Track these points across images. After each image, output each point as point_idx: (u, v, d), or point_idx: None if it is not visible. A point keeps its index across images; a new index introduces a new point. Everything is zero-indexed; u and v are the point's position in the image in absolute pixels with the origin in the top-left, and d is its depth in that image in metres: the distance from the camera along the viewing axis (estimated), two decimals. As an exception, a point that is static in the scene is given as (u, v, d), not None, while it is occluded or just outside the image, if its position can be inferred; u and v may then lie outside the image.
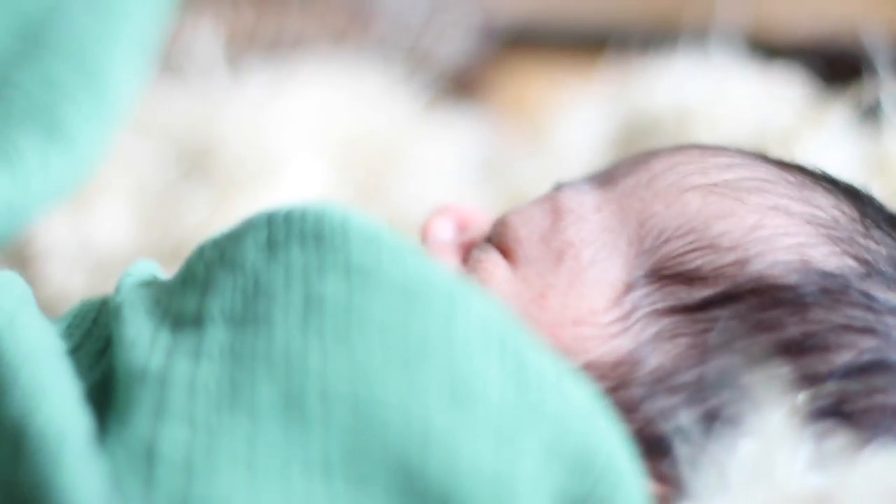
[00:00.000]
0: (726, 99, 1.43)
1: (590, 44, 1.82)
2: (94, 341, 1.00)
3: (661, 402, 0.97)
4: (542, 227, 1.06)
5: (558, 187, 1.12)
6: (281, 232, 0.92)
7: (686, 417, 0.94)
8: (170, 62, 1.56)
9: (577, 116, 1.52)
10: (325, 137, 1.57)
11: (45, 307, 1.29)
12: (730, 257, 1.01)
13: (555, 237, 1.05)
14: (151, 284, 1.00)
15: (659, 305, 1.01)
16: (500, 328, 0.88)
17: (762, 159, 1.12)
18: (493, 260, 1.05)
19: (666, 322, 1.00)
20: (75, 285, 1.43)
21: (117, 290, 1.01)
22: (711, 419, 0.95)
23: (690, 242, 1.02)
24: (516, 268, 1.04)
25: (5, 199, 1.22)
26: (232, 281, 0.91)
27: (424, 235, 1.14)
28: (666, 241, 1.03)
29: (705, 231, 1.03)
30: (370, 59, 1.72)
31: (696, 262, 1.01)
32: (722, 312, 0.99)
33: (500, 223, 1.08)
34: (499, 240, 1.07)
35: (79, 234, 1.43)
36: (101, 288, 1.42)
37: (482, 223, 1.15)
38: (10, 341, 0.91)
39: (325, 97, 1.60)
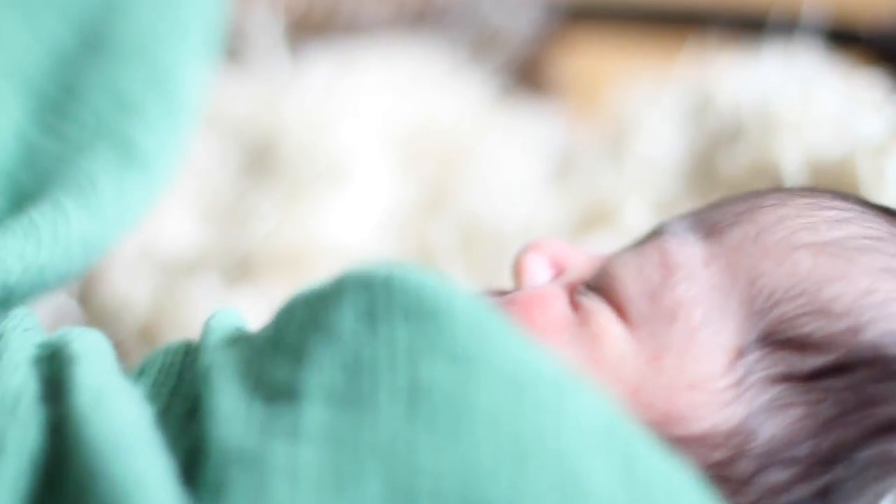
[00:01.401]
0: (812, 104, 1.37)
1: (660, 21, 1.76)
2: (182, 401, 0.97)
3: (775, 477, 0.95)
4: (652, 282, 1.02)
5: (661, 233, 1.09)
6: (381, 302, 0.89)
7: (800, 493, 0.94)
8: (228, 49, 1.51)
9: (652, 113, 1.47)
10: (391, 129, 1.54)
11: (109, 315, 1.28)
12: (842, 324, 0.98)
13: (666, 295, 1.01)
14: (239, 343, 0.97)
15: (771, 372, 0.98)
16: (609, 423, 0.86)
17: (870, 210, 1.09)
18: (605, 315, 1.02)
19: (778, 390, 0.98)
20: (140, 292, 1.40)
21: (203, 347, 0.98)
22: (825, 495, 0.94)
23: (802, 305, 1.00)
24: (629, 326, 1.01)
25: (81, 236, 1.19)
26: (329, 353, 0.88)
27: (520, 275, 1.11)
28: (777, 304, 1.00)
29: (817, 294, 1.00)
30: (434, 40, 1.67)
31: (808, 327, 0.99)
32: (835, 383, 0.97)
33: (606, 274, 1.05)
34: (608, 293, 1.04)
35: (142, 239, 1.40)
36: (165, 295, 1.39)
37: (578, 263, 1.12)
38: (98, 426, 0.88)
39: (389, 84, 1.56)
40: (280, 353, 0.90)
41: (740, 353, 0.99)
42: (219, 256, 1.44)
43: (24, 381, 0.93)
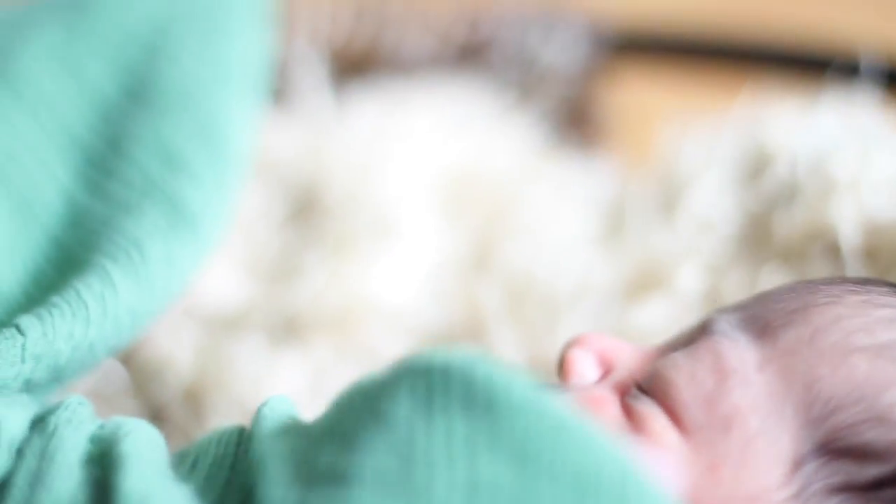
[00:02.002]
0: (870, 163, 1.34)
1: (712, 55, 1.72)
2: (235, 493, 0.97)
3: None
4: (706, 388, 1.00)
5: (711, 331, 1.06)
6: (439, 391, 0.88)
7: None
8: (271, 88, 1.48)
9: (706, 169, 1.43)
10: (437, 175, 1.51)
11: (153, 375, 1.27)
12: None
13: (721, 402, 0.99)
14: (292, 432, 0.97)
15: (830, 482, 0.97)
16: None
17: None
18: (660, 423, 1.00)
19: (838, 500, 0.96)
20: (184, 352, 1.39)
21: (256, 436, 0.98)
22: None
23: (860, 412, 0.98)
24: (685, 434, 0.99)
25: (130, 308, 1.18)
26: (383, 439, 0.87)
27: (567, 373, 1.09)
28: (834, 411, 0.98)
29: (875, 401, 0.98)
30: (479, 76, 1.64)
31: (868, 435, 0.97)
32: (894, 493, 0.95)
33: (658, 377, 1.03)
34: (661, 397, 1.01)
35: (185, 296, 1.38)
36: (210, 355, 1.38)
37: (626, 359, 1.10)
38: None
39: (436, 128, 1.53)
40: (333, 440, 0.90)
41: (798, 464, 0.97)
42: (264, 315, 1.42)
43: (76, 489, 0.93)
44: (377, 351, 1.41)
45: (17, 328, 1.08)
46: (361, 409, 0.91)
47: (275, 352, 1.40)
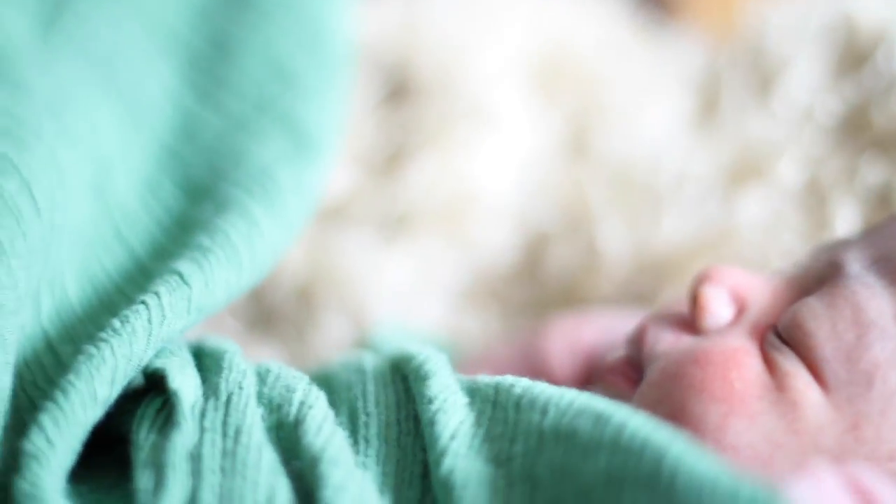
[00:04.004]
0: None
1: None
2: (413, 488, 0.98)
3: None
4: (847, 343, 1.02)
5: (843, 273, 1.06)
6: (631, 468, 0.88)
7: None
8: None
9: (797, 52, 1.43)
10: (529, 54, 1.49)
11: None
12: None
13: (861, 356, 1.01)
14: (480, 452, 0.96)
15: None
16: None
17: None
18: (802, 380, 1.01)
19: None
20: (295, 250, 1.39)
21: (436, 446, 0.97)
22: None
23: None
24: (825, 390, 1.01)
25: (273, 248, 1.18)
26: None
27: (701, 311, 1.10)
28: None
29: None
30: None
31: None
32: None
33: (797, 326, 1.04)
34: (800, 350, 1.03)
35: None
36: (319, 246, 1.38)
37: (759, 296, 1.11)
38: None
39: (525, 8, 1.51)
40: (537, 502, 0.91)
41: None
42: (370, 208, 1.42)
43: (273, 480, 0.94)
44: (483, 243, 1.43)
45: (182, 277, 1.07)
46: (562, 477, 0.91)
47: (383, 246, 1.41)
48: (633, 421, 0.91)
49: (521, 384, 1.00)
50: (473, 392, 1.01)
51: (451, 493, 0.93)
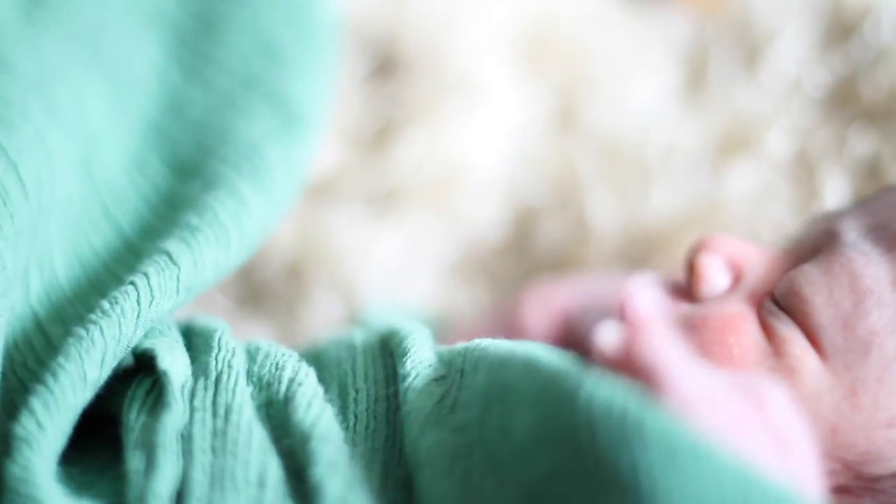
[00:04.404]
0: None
1: None
2: (399, 466, 0.98)
3: None
4: (843, 310, 1.02)
5: (839, 241, 1.07)
6: (552, 421, 0.86)
7: None
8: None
9: (785, 24, 1.43)
10: (515, 31, 1.49)
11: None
12: None
13: (858, 324, 1.01)
14: (445, 424, 0.95)
15: None
16: None
17: None
18: (800, 345, 1.02)
19: None
20: (285, 226, 1.39)
21: (409, 417, 0.98)
22: None
23: None
24: (823, 357, 1.01)
25: (262, 225, 1.17)
26: (522, 475, 0.87)
27: (698, 279, 1.10)
28: None
29: None
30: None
31: None
32: None
33: (794, 293, 1.04)
34: (798, 316, 1.03)
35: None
36: (308, 222, 1.38)
37: (755, 265, 1.11)
38: None
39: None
40: (488, 466, 0.89)
41: None
42: (359, 184, 1.42)
43: (264, 459, 0.94)
44: (472, 217, 1.43)
45: (170, 257, 1.07)
46: (504, 436, 0.89)
47: (372, 222, 1.41)
48: (555, 365, 0.89)
49: (482, 346, 1.00)
50: (448, 363, 1.01)
51: (418, 469, 0.94)
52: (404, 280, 1.41)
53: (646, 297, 1.09)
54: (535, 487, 0.86)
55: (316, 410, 0.98)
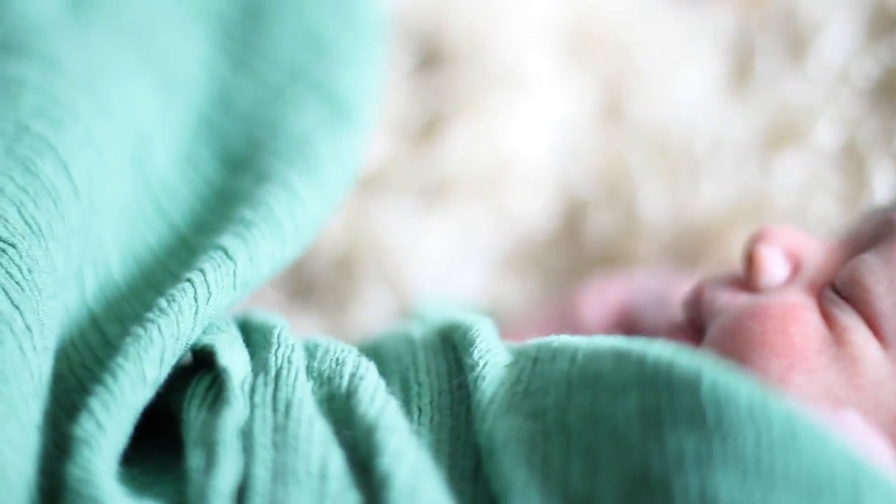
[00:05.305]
0: None
1: None
2: (464, 458, 0.98)
3: None
4: None
5: (892, 223, 1.08)
6: (668, 410, 0.88)
7: None
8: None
9: (830, 15, 1.43)
10: (559, 22, 1.49)
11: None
12: None
13: None
14: (517, 411, 0.96)
15: None
16: None
17: None
18: (861, 334, 1.02)
19: None
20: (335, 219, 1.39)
21: (480, 406, 0.98)
22: None
23: None
24: (884, 345, 1.02)
25: (316, 219, 1.18)
26: (620, 461, 0.89)
27: (757, 270, 1.11)
28: None
29: None
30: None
31: None
32: None
33: (854, 282, 1.04)
34: (859, 305, 1.04)
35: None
36: (358, 215, 1.38)
37: (814, 255, 1.12)
38: None
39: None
40: (572, 451, 0.91)
41: None
42: (408, 177, 1.42)
43: (326, 453, 0.94)
44: (522, 210, 1.43)
45: (226, 252, 1.07)
46: (590, 414, 0.91)
47: (422, 215, 1.42)
48: (653, 352, 0.91)
49: (560, 339, 1.01)
50: (518, 352, 1.02)
51: (492, 454, 0.94)
52: (454, 273, 1.42)
53: None
54: (639, 470, 0.87)
55: (380, 402, 0.98)
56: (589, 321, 1.29)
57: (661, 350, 0.92)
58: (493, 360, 1.02)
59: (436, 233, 1.41)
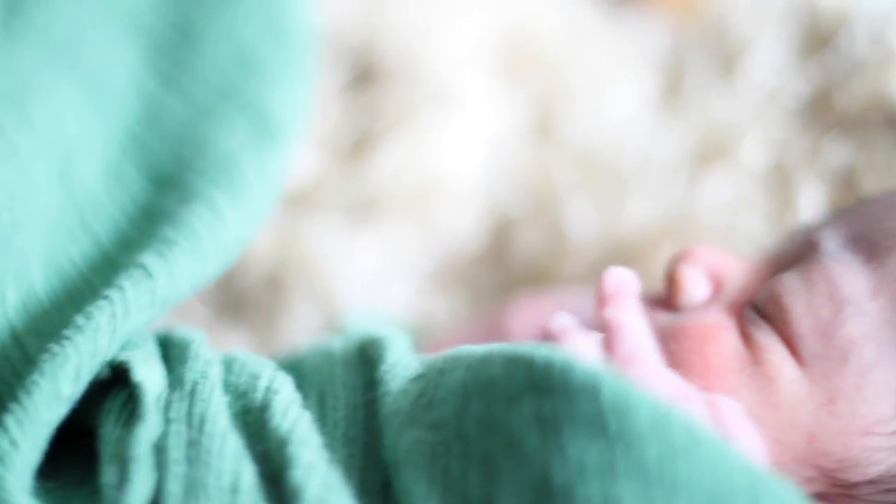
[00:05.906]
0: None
1: None
2: (375, 472, 0.98)
3: None
4: (822, 318, 1.03)
5: (819, 250, 1.08)
6: (566, 419, 0.88)
7: None
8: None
9: (761, 33, 1.44)
10: (492, 41, 1.50)
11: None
12: None
13: (837, 332, 1.03)
14: (420, 421, 0.96)
15: None
16: None
17: None
18: (779, 354, 1.03)
19: None
20: (263, 236, 1.40)
21: (386, 420, 0.99)
22: None
23: None
24: (802, 365, 1.03)
25: (238, 237, 1.18)
26: (518, 472, 0.88)
27: (678, 289, 1.12)
28: None
29: None
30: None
31: None
32: None
33: (774, 302, 1.05)
34: (777, 325, 1.05)
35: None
36: (287, 232, 1.39)
37: (735, 275, 1.12)
38: None
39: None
40: (470, 461, 0.90)
41: None
42: (338, 194, 1.42)
43: (237, 465, 0.94)
44: (450, 227, 1.43)
45: (146, 270, 1.07)
46: (487, 423, 0.91)
47: (351, 231, 1.42)
48: (541, 355, 0.91)
49: (464, 349, 1.00)
50: (428, 365, 1.02)
51: (397, 468, 0.95)
52: (382, 289, 1.42)
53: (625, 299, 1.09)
54: (539, 478, 0.86)
55: (293, 416, 0.98)
56: (517, 338, 1.29)
57: (549, 354, 0.91)
58: (400, 374, 1.03)
59: (365, 249, 1.42)
